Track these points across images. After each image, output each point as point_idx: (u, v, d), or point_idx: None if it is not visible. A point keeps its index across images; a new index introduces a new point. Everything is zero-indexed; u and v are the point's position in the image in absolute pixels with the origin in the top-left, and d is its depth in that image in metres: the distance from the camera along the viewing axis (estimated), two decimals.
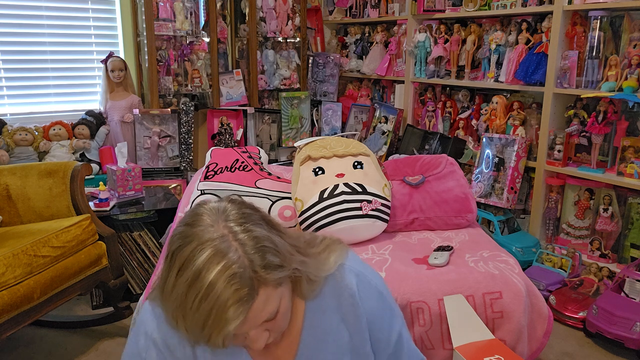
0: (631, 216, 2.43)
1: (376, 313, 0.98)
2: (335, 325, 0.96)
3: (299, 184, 1.93)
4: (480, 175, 2.90)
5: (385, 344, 0.99)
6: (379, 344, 0.99)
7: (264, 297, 0.78)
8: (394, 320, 1.01)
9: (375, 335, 0.98)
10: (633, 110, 2.46)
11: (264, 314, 0.80)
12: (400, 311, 1.06)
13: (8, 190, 2.17)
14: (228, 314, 0.74)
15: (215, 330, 0.75)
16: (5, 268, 1.69)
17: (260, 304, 0.78)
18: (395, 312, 1.03)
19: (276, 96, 3.83)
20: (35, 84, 3.09)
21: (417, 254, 1.82)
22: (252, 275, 0.76)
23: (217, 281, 0.74)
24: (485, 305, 1.58)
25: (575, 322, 2.24)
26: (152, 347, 0.91)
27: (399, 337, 1.01)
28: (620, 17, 2.45)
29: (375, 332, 0.98)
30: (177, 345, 0.92)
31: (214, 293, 0.73)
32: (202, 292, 0.74)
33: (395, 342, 1.01)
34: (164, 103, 3.34)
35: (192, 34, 3.34)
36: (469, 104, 3.24)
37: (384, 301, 1.00)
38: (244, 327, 0.79)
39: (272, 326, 0.84)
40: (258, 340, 0.82)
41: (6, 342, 2.16)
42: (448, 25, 3.23)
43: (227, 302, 0.74)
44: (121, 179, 2.57)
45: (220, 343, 0.77)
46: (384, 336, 0.99)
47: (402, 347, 1.02)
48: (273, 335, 0.86)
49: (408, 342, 1.04)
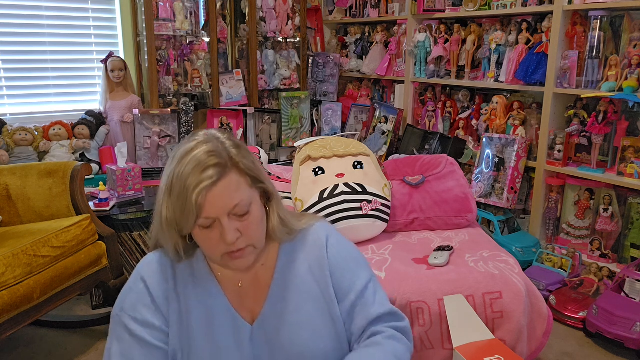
0: (631, 216, 2.43)
1: (341, 262, 1.06)
2: (303, 273, 1.05)
3: (299, 184, 1.93)
4: (480, 175, 2.90)
5: (347, 291, 1.04)
6: (341, 292, 1.05)
7: (235, 179, 0.93)
8: (359, 270, 1.07)
9: (338, 283, 1.05)
10: (633, 110, 2.46)
11: (235, 196, 0.93)
12: (369, 267, 1.10)
13: (8, 190, 2.17)
14: (205, 174, 0.90)
15: (189, 189, 0.89)
16: (5, 268, 1.69)
17: (231, 183, 0.93)
18: (361, 264, 1.09)
19: (276, 96, 3.83)
20: (35, 84, 3.09)
21: (417, 254, 1.82)
22: (228, 156, 0.93)
23: (199, 152, 0.92)
24: (485, 305, 1.58)
25: (575, 322, 2.24)
26: (141, 282, 1.03)
27: (364, 287, 1.05)
28: (620, 17, 2.45)
29: (338, 280, 1.05)
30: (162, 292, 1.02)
31: (195, 157, 0.91)
32: (187, 159, 0.92)
33: (360, 291, 1.04)
34: (164, 103, 3.34)
35: (192, 34, 3.34)
36: (469, 104, 3.24)
37: (350, 252, 1.09)
38: (214, 205, 0.91)
39: (243, 228, 0.95)
40: (229, 232, 0.92)
41: (6, 342, 2.16)
42: (448, 25, 3.23)
43: (200, 166, 0.90)
44: (121, 179, 2.57)
45: (194, 211, 0.90)
46: (346, 284, 1.05)
47: (367, 297, 1.05)
48: (244, 241, 0.95)
49: (376, 294, 1.06)
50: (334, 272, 1.05)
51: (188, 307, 1.02)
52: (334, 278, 1.05)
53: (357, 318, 1.04)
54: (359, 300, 1.04)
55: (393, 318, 1.06)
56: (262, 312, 1.03)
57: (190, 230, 0.95)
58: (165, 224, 0.96)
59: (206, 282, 1.03)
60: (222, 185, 0.92)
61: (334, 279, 1.05)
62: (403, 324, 1.07)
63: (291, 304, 1.03)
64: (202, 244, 0.97)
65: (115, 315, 1.03)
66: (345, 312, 1.04)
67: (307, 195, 1.87)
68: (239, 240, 0.95)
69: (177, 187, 0.91)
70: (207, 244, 0.96)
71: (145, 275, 1.03)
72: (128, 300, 1.02)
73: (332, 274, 1.05)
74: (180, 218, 0.92)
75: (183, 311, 1.02)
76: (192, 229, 0.94)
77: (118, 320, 1.02)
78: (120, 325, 1.01)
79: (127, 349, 0.99)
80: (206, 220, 0.93)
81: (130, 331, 0.99)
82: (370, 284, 1.06)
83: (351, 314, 1.04)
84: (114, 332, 1.02)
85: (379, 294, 1.07)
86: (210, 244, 0.95)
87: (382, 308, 1.05)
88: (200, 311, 1.02)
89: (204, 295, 1.02)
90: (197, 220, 0.92)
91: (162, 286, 1.02)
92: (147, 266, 1.05)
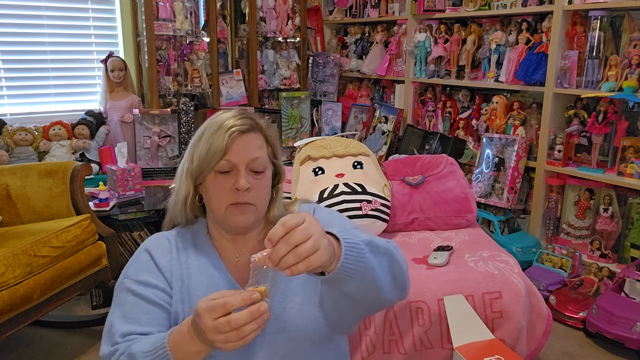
0: (631, 216, 2.43)
1: (328, 220, 1.08)
2: None
3: (298, 184, 1.93)
4: (480, 175, 2.90)
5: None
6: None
7: (260, 139, 1.04)
8: (344, 225, 1.11)
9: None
10: (633, 110, 2.46)
11: (257, 152, 1.02)
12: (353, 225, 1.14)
13: (8, 190, 2.17)
14: (235, 122, 1.00)
15: (222, 130, 0.99)
16: (5, 268, 1.69)
17: (257, 140, 1.03)
18: (344, 221, 1.14)
19: (276, 96, 3.83)
20: (35, 84, 3.09)
21: (417, 254, 1.82)
22: (257, 121, 1.04)
23: (233, 111, 1.04)
24: (485, 305, 1.58)
25: (576, 322, 2.24)
26: (145, 252, 1.07)
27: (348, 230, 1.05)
28: (620, 17, 2.45)
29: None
30: (165, 261, 1.05)
31: (226, 115, 1.03)
32: (217, 117, 1.03)
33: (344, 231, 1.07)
34: (163, 103, 3.34)
35: (192, 34, 3.34)
36: (469, 104, 3.24)
37: (336, 215, 1.16)
38: (239, 149, 0.99)
39: (254, 184, 1.01)
40: (243, 178, 0.99)
41: (6, 342, 2.16)
42: (448, 25, 3.23)
43: (235, 116, 1.02)
44: (121, 179, 2.57)
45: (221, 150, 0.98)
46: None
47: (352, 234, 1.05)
48: (252, 196, 1.01)
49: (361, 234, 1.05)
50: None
51: (190, 274, 1.04)
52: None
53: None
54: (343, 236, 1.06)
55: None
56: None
57: (207, 174, 1.01)
58: (186, 172, 1.03)
59: (208, 253, 1.07)
60: (250, 137, 1.01)
61: None
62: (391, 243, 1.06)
63: (283, 274, 1.04)
64: (213, 192, 1.01)
65: (119, 283, 1.04)
66: None
67: (307, 195, 1.87)
68: (248, 192, 1.00)
69: (210, 129, 1.01)
70: (218, 191, 1.00)
71: (149, 247, 1.07)
72: (132, 268, 1.05)
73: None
74: (204, 159, 1.00)
75: (185, 278, 1.04)
76: (210, 172, 1.00)
77: (121, 287, 1.02)
78: (122, 290, 1.02)
79: (128, 311, 0.98)
80: (226, 163, 0.99)
81: (134, 291, 1.00)
82: (355, 230, 1.06)
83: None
84: (116, 299, 1.02)
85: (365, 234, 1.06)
86: (222, 192, 1.00)
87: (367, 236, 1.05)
88: (201, 279, 1.04)
89: (206, 265, 1.06)
90: (219, 161, 0.99)
91: (166, 256, 1.06)
92: (151, 240, 1.10)
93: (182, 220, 1.10)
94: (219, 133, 0.99)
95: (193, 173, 1.03)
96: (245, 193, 0.99)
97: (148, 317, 0.98)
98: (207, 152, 0.99)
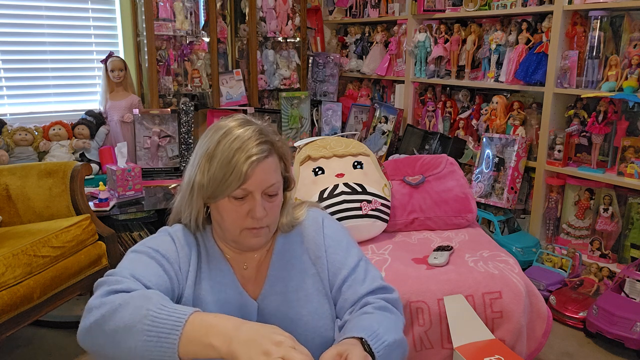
0: (631, 216, 2.43)
1: (335, 239, 1.11)
2: (300, 254, 1.10)
3: (298, 184, 1.93)
4: (480, 175, 2.90)
5: (340, 267, 1.08)
6: (334, 267, 1.09)
7: (276, 161, 1.00)
8: (351, 249, 1.12)
9: (331, 258, 1.09)
10: (633, 110, 2.46)
11: (273, 177, 0.99)
12: (360, 249, 1.15)
13: (8, 190, 2.17)
14: (253, 149, 0.95)
15: (241, 158, 0.94)
16: (5, 268, 1.69)
17: (274, 164, 0.99)
18: (353, 244, 1.14)
19: (276, 96, 3.83)
20: (35, 84, 3.09)
21: (417, 254, 1.82)
22: (272, 140, 0.99)
23: (250, 129, 0.98)
24: (485, 305, 1.58)
25: (576, 322, 2.24)
26: (168, 235, 1.05)
27: (356, 265, 1.09)
28: (620, 17, 2.45)
29: (331, 255, 1.09)
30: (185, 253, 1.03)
31: (248, 131, 0.97)
32: (236, 132, 0.97)
33: (352, 267, 1.08)
34: (163, 103, 3.34)
35: (192, 34, 3.34)
36: (469, 104, 3.24)
37: (345, 233, 1.15)
38: (258, 178, 0.95)
39: (269, 208, 1.00)
40: (260, 207, 0.97)
41: (6, 342, 2.16)
42: (448, 25, 3.23)
43: (253, 140, 0.96)
44: (121, 179, 2.57)
45: (239, 179, 0.94)
46: (339, 260, 1.09)
47: (358, 273, 1.09)
48: (267, 220, 1.00)
49: (367, 272, 1.09)
50: (328, 247, 1.10)
51: (200, 279, 1.04)
52: (328, 254, 1.09)
53: (347, 293, 1.07)
54: (350, 276, 1.08)
55: (383, 291, 1.08)
56: (262, 293, 1.07)
57: (221, 199, 0.97)
58: (197, 187, 0.99)
59: (218, 261, 1.06)
60: (268, 162, 0.98)
61: (328, 255, 1.09)
62: (393, 296, 1.09)
63: (291, 284, 1.07)
64: (226, 216, 0.99)
65: (133, 248, 1.02)
66: (336, 288, 1.08)
67: (307, 195, 1.87)
68: (264, 218, 0.99)
69: (225, 154, 0.95)
70: (233, 216, 0.98)
71: (172, 233, 1.05)
72: (152, 241, 1.03)
73: (326, 250, 1.09)
74: (219, 184, 0.95)
75: (197, 280, 1.04)
76: (224, 197, 0.97)
77: (136, 249, 1.01)
78: (137, 252, 1.00)
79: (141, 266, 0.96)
80: (243, 191, 0.96)
81: (149, 254, 0.99)
82: (361, 262, 1.10)
83: (341, 289, 1.08)
84: (127, 258, 1.00)
85: (371, 273, 1.10)
86: (236, 217, 0.98)
87: (373, 284, 1.07)
88: (209, 285, 1.04)
89: (215, 272, 1.05)
90: (236, 189, 0.95)
91: (186, 249, 1.04)
92: (174, 229, 1.07)
93: (192, 229, 1.08)
94: (236, 159, 0.94)
95: (205, 192, 0.98)
96: (261, 219, 0.99)
97: (158, 281, 0.95)
98: (223, 177, 0.95)
